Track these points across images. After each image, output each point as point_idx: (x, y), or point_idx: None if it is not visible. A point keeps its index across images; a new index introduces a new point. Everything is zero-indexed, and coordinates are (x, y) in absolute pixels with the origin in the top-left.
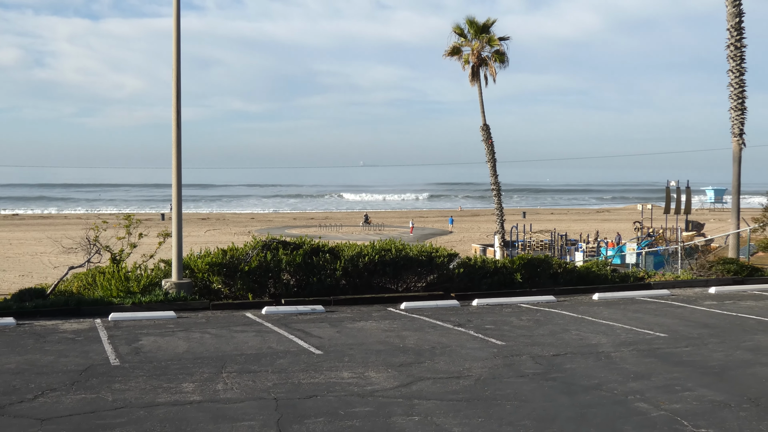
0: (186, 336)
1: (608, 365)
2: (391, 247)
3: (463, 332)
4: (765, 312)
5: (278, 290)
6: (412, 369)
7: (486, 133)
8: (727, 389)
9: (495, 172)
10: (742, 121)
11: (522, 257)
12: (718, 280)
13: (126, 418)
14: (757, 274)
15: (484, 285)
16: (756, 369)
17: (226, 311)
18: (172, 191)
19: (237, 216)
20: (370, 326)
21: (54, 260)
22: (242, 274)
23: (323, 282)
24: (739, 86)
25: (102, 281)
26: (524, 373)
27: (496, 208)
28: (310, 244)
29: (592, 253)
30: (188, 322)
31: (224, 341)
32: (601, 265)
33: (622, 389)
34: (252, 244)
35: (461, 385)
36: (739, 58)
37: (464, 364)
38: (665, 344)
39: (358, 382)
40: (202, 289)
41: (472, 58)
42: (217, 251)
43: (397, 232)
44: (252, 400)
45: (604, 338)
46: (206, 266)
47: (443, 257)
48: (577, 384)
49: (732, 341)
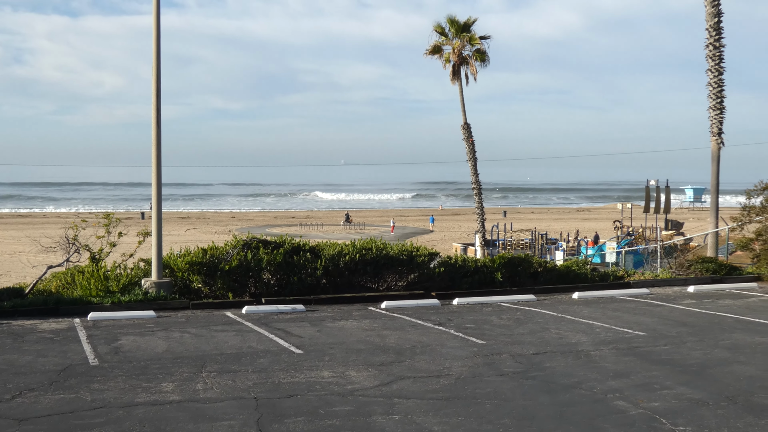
0: (166, 335)
1: (588, 364)
2: (372, 246)
3: (443, 331)
4: (743, 311)
5: (259, 289)
6: (392, 368)
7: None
8: (705, 387)
9: (476, 171)
10: (721, 121)
11: (502, 256)
12: (697, 278)
13: (105, 418)
14: (735, 272)
15: (465, 284)
16: (734, 367)
17: (206, 310)
18: (152, 190)
19: (217, 215)
20: (350, 325)
21: (32, 259)
22: (222, 274)
23: (304, 281)
24: (718, 86)
25: (81, 280)
26: (504, 371)
27: (477, 207)
28: (290, 243)
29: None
30: (168, 321)
31: (204, 341)
32: (581, 264)
33: (601, 388)
34: (232, 243)
35: (441, 384)
36: (717, 58)
37: (444, 363)
38: (644, 343)
39: (338, 381)
40: (182, 289)
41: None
42: (197, 250)
43: (378, 231)
44: (232, 399)
45: (584, 337)
46: (186, 265)
47: (424, 256)
48: (556, 382)
49: (710, 340)
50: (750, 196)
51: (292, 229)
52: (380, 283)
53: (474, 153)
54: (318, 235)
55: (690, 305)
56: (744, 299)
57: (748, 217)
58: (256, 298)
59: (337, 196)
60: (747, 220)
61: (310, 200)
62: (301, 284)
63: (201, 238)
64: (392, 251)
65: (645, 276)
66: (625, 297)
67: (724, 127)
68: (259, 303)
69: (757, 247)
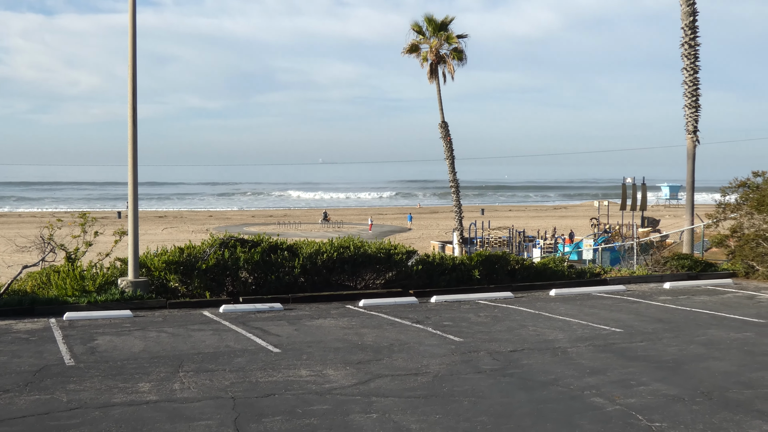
0: (142, 335)
1: (565, 361)
2: (350, 245)
3: (421, 329)
4: (718, 307)
5: (236, 288)
6: (370, 366)
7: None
8: (680, 383)
9: (453, 169)
10: (696, 119)
11: (480, 254)
12: (673, 275)
13: (81, 419)
14: (710, 269)
15: (443, 282)
16: (709, 363)
17: (183, 310)
18: (128, 189)
19: (195, 214)
20: (328, 324)
21: (7, 259)
22: (199, 273)
23: (282, 280)
24: (693, 84)
25: (57, 280)
26: (482, 369)
27: (455, 205)
28: (268, 242)
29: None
30: (145, 321)
31: (181, 340)
32: (558, 262)
33: (578, 384)
34: (209, 241)
35: (419, 382)
36: (693, 57)
37: (422, 361)
38: (621, 339)
39: (316, 380)
40: (158, 288)
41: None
42: (174, 249)
43: (356, 229)
44: (209, 399)
45: (561, 334)
46: (163, 264)
47: (402, 254)
48: (534, 379)
49: (686, 336)
50: (725, 193)
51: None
52: (358, 282)
53: (452, 151)
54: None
55: (666, 302)
56: (719, 295)
57: (723, 214)
58: (234, 297)
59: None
60: (722, 217)
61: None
62: (279, 283)
63: (178, 237)
64: (370, 249)
65: (621, 273)
66: (601, 294)
67: (699, 125)
68: (236, 302)
69: (731, 243)
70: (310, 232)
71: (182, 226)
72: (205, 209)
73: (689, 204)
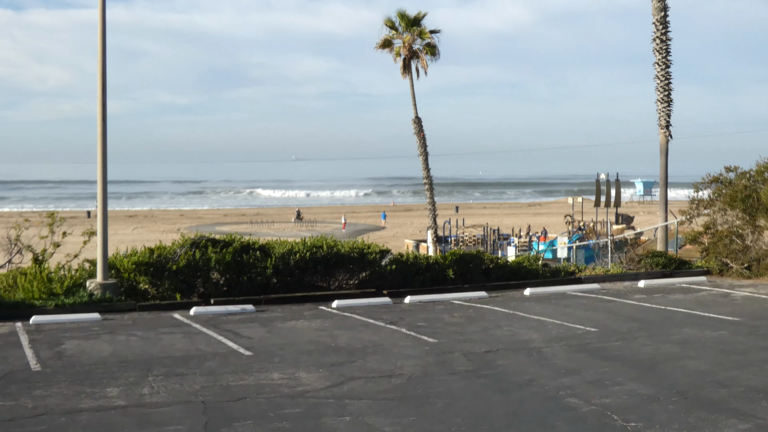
0: (111, 339)
1: (540, 361)
2: (323, 244)
3: (395, 330)
4: (693, 305)
5: (207, 290)
6: (343, 368)
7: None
8: (656, 383)
9: (427, 166)
10: (669, 113)
11: (454, 253)
12: (648, 273)
13: (47, 426)
14: (684, 266)
15: (417, 282)
16: (684, 362)
17: (153, 312)
18: (97, 187)
19: (165, 213)
20: (301, 325)
21: None
22: (170, 274)
23: (254, 281)
24: (665, 78)
25: (23, 282)
26: (456, 370)
27: (429, 203)
28: (240, 242)
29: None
30: (113, 324)
31: (151, 343)
32: (532, 260)
33: (553, 385)
34: (180, 242)
35: (393, 384)
36: (664, 51)
37: (396, 363)
38: (596, 339)
39: (288, 383)
40: (128, 290)
41: (404, 51)
42: (144, 250)
43: (330, 228)
44: (179, 403)
45: (536, 334)
46: (133, 266)
47: (375, 254)
48: (508, 380)
49: (661, 335)
50: (698, 188)
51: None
52: (331, 282)
53: (425, 147)
54: (268, 233)
55: (641, 300)
56: (694, 293)
57: (697, 210)
58: (205, 298)
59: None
60: (695, 214)
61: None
62: (251, 284)
63: (148, 237)
64: (343, 249)
65: (596, 271)
66: (576, 293)
67: (672, 120)
68: (207, 304)
69: (705, 240)
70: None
71: (153, 225)
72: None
73: (663, 200)
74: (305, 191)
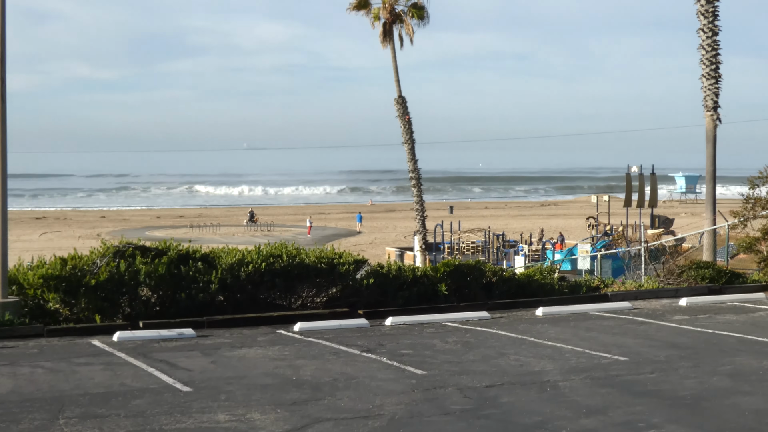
0: (11, 372)
1: (555, 398)
2: (282, 253)
3: (373, 359)
4: (747, 328)
5: (135, 310)
6: (308, 408)
7: (402, 106)
8: (701, 425)
9: (413, 156)
10: (717, 92)
11: (448, 263)
12: (691, 289)
13: None
14: (737, 281)
15: (401, 299)
16: (736, 399)
17: (65, 338)
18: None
19: (82, 214)
20: (254, 354)
21: None
22: (87, 290)
23: (194, 298)
24: (713, 48)
25: None
26: (450, 409)
27: (416, 202)
28: (177, 250)
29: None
30: (15, 353)
31: (63, 378)
32: (546, 273)
33: (572, 428)
34: (101, 250)
35: (370, 427)
36: (711, 15)
37: (375, 401)
38: (626, 370)
39: (237, 426)
40: (34, 310)
41: (384, 14)
42: (55, 260)
43: (291, 233)
44: None
45: (550, 364)
46: (40, 280)
47: (348, 265)
48: (516, 422)
49: (707, 365)
50: (754, 185)
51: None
52: (293, 300)
53: (411, 134)
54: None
55: (682, 322)
56: (748, 314)
57: (752, 212)
58: (132, 321)
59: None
60: (751, 215)
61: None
62: (191, 302)
63: (60, 244)
64: (308, 258)
65: (626, 286)
66: (601, 313)
67: (721, 100)
68: (135, 327)
69: (763, 248)
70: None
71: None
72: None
73: (710, 199)
74: (260, 187)
